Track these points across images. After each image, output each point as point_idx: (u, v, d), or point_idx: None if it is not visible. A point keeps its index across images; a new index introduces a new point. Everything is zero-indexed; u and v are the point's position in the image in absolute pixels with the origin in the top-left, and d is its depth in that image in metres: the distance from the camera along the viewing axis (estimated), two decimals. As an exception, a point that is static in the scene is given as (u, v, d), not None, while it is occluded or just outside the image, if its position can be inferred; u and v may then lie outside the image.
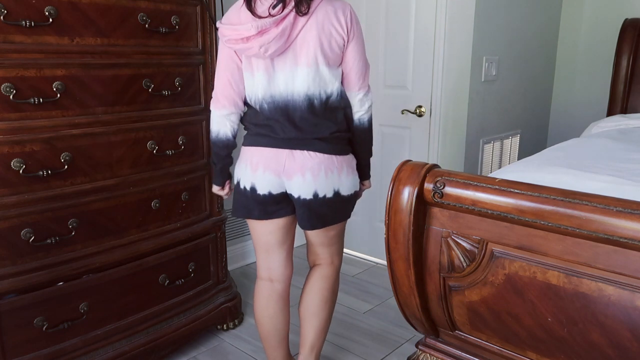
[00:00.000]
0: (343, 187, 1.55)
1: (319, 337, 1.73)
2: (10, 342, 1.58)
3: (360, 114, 1.56)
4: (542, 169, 1.42)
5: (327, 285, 1.73)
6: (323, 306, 1.72)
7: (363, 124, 1.57)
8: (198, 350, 2.14)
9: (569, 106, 3.15)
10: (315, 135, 1.49)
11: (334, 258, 1.74)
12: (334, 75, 1.48)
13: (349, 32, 1.46)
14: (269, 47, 1.40)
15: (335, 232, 1.67)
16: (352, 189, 1.59)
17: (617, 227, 0.91)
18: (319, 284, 1.73)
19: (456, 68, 2.51)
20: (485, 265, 1.13)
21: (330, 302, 1.75)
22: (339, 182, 1.53)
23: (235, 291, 2.32)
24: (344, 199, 1.57)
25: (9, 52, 1.47)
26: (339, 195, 1.55)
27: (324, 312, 1.73)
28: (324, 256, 1.72)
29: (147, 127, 1.84)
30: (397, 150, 2.82)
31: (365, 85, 1.54)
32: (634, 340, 0.97)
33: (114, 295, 1.82)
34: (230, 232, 2.85)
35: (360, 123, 1.57)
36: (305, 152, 1.49)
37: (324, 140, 1.50)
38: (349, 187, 1.57)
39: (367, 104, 1.56)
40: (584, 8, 2.99)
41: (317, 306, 1.72)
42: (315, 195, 1.51)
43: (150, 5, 1.77)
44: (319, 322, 1.72)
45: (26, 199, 1.56)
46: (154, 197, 1.90)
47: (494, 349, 1.22)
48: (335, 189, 1.53)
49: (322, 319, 1.73)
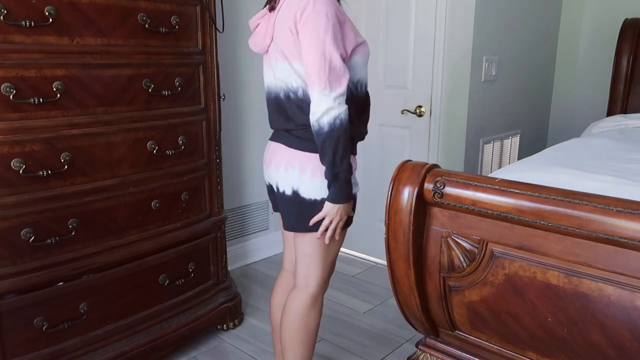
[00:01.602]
0: (303, 188, 1.41)
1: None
2: (10, 342, 1.58)
3: (316, 116, 1.31)
4: (542, 169, 1.42)
5: (294, 317, 1.50)
6: (289, 342, 1.51)
7: (321, 127, 1.31)
8: (198, 350, 2.14)
9: (569, 106, 3.15)
10: (283, 127, 1.46)
11: (308, 281, 1.49)
12: (294, 70, 1.38)
13: (297, 23, 1.32)
14: (255, 44, 1.50)
15: (306, 248, 1.48)
16: (316, 194, 1.40)
17: (617, 227, 0.91)
18: (285, 313, 1.52)
19: (456, 68, 2.51)
20: (485, 265, 1.13)
21: (298, 340, 1.50)
22: (298, 181, 1.41)
23: (235, 291, 2.32)
24: (305, 203, 1.42)
25: (9, 52, 1.47)
26: (298, 196, 1.42)
27: (289, 350, 1.52)
28: (298, 274, 1.51)
29: (147, 127, 1.84)
30: (397, 150, 2.82)
31: (323, 83, 1.30)
32: (634, 340, 0.97)
33: (114, 295, 1.82)
34: (230, 232, 2.85)
35: (319, 126, 1.32)
36: (275, 143, 1.50)
37: (290, 132, 1.44)
38: (310, 191, 1.40)
39: (323, 105, 1.30)
40: (584, 8, 2.99)
41: (284, 340, 1.52)
42: (277, 188, 1.48)
43: (150, 5, 1.77)
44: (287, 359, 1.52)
45: (26, 199, 1.56)
46: (154, 197, 1.90)
47: (494, 349, 1.22)
48: (294, 188, 1.42)
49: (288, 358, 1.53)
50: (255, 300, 2.55)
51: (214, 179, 2.13)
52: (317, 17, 1.30)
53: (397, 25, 2.68)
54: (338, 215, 1.40)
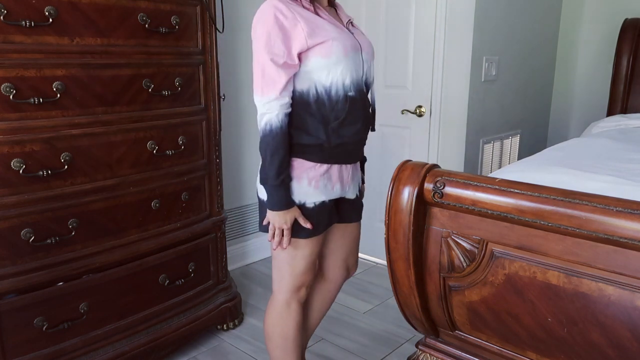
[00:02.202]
0: (260, 188, 1.42)
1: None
2: (10, 342, 1.58)
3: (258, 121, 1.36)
4: (542, 169, 1.42)
5: (269, 322, 1.55)
6: (267, 346, 1.57)
7: (259, 132, 1.35)
8: (198, 351, 2.14)
9: (569, 106, 3.15)
10: None
11: (280, 286, 1.50)
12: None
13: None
14: None
15: (273, 251, 1.48)
16: (264, 195, 1.40)
17: (617, 227, 0.91)
18: (264, 317, 1.58)
19: (456, 68, 2.51)
20: (485, 265, 1.13)
21: (274, 344, 1.55)
22: (257, 180, 1.44)
23: (235, 291, 2.32)
24: (261, 203, 1.44)
25: (9, 52, 1.47)
26: (258, 194, 1.46)
27: (270, 353, 1.57)
28: (272, 279, 1.54)
29: (147, 127, 1.84)
30: (397, 150, 2.82)
31: (256, 89, 1.33)
32: (634, 340, 0.97)
33: (114, 295, 1.82)
34: (230, 232, 2.86)
35: (259, 130, 1.35)
36: None
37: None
38: (263, 191, 1.41)
39: (259, 110, 1.34)
40: (584, 8, 2.99)
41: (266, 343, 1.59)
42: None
43: (150, 5, 1.77)
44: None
45: (26, 199, 1.56)
46: (154, 197, 1.90)
47: (494, 349, 1.22)
48: (257, 185, 1.45)
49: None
50: (255, 300, 2.55)
51: (214, 179, 2.13)
52: (255, 24, 1.32)
53: (397, 25, 2.68)
54: (276, 221, 1.38)
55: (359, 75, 1.40)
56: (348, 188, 1.48)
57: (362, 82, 1.43)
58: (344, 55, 1.34)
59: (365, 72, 1.44)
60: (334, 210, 1.48)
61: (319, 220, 1.42)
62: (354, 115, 1.39)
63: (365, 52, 1.43)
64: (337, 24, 1.39)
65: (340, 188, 1.45)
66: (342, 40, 1.34)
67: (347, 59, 1.35)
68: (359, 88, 1.40)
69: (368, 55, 1.45)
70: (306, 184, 1.39)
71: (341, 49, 1.33)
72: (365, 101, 1.45)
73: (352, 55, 1.37)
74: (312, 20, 1.31)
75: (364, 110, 1.44)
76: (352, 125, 1.39)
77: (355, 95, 1.39)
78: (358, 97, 1.40)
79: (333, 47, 1.32)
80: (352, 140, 1.42)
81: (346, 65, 1.35)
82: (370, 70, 1.47)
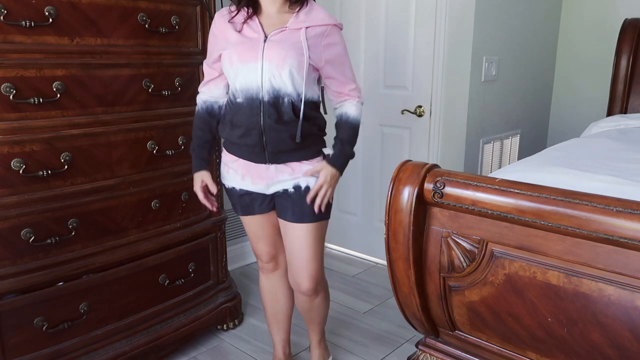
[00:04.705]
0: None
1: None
2: (10, 342, 1.58)
3: None
4: (542, 169, 1.42)
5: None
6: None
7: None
8: (198, 351, 2.14)
9: (569, 106, 3.15)
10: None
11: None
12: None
13: None
14: None
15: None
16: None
17: (617, 227, 0.91)
18: None
19: (456, 68, 2.51)
20: (485, 265, 1.13)
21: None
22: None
23: (235, 291, 2.32)
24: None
25: (9, 52, 1.47)
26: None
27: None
28: None
29: (147, 127, 1.84)
30: (397, 150, 2.81)
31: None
32: (634, 340, 0.97)
33: (114, 295, 1.82)
34: (230, 232, 2.86)
35: None
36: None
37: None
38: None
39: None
40: (584, 8, 2.99)
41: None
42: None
43: (150, 5, 1.77)
44: None
45: (26, 199, 1.56)
46: (154, 197, 1.90)
47: (494, 349, 1.22)
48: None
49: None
50: (255, 300, 2.55)
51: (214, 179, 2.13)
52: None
53: (397, 25, 2.68)
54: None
55: (252, 83, 1.45)
56: (264, 185, 1.58)
57: (259, 90, 1.45)
58: (232, 65, 1.48)
59: (266, 81, 1.44)
60: (257, 201, 1.63)
61: (234, 202, 1.68)
62: (236, 120, 1.51)
63: (268, 61, 1.43)
64: (250, 35, 1.47)
65: (251, 182, 1.59)
66: (238, 51, 1.46)
67: (239, 67, 1.46)
68: (248, 95, 1.47)
69: (272, 65, 1.43)
70: (223, 168, 1.66)
71: (235, 57, 1.46)
72: (258, 109, 1.46)
73: (245, 64, 1.45)
74: (223, 30, 1.50)
75: (253, 117, 1.47)
76: (237, 129, 1.52)
77: (242, 102, 1.49)
78: (245, 104, 1.48)
79: (227, 56, 1.48)
80: (242, 142, 1.52)
81: (236, 74, 1.48)
82: (278, 79, 1.44)
